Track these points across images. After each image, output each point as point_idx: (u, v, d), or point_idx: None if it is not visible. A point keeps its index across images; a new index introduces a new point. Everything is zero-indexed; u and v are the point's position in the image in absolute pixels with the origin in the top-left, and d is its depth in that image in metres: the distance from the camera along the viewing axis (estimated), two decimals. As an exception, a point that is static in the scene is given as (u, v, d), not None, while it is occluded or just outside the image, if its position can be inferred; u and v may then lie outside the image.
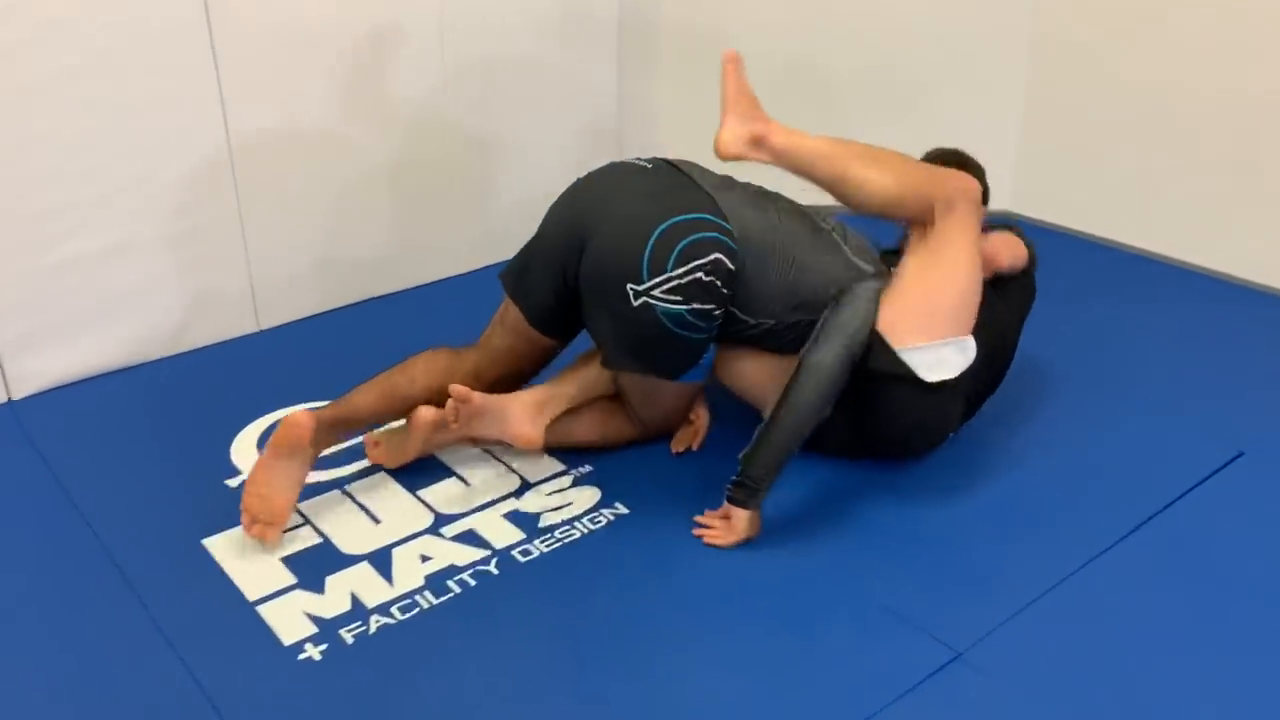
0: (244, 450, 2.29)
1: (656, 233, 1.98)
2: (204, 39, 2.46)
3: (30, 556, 1.99)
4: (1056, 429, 2.36)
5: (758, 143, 2.03)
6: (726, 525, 2.01)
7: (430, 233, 3.04)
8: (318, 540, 2.02)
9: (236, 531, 2.03)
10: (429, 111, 2.90)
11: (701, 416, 2.33)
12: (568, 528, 2.06)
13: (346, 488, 2.18)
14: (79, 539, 2.02)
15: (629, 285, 1.99)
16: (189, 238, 2.61)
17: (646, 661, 1.76)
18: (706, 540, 2.01)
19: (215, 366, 2.65)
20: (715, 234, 2.00)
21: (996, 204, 3.57)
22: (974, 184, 2.14)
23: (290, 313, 2.85)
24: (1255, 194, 3.04)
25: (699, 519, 2.06)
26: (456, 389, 2.07)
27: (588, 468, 2.23)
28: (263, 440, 2.32)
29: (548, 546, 2.01)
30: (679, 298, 1.98)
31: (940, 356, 2.03)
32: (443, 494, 2.15)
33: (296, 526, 2.06)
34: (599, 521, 2.08)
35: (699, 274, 1.98)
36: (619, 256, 2.01)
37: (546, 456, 2.27)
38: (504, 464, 2.25)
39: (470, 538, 2.03)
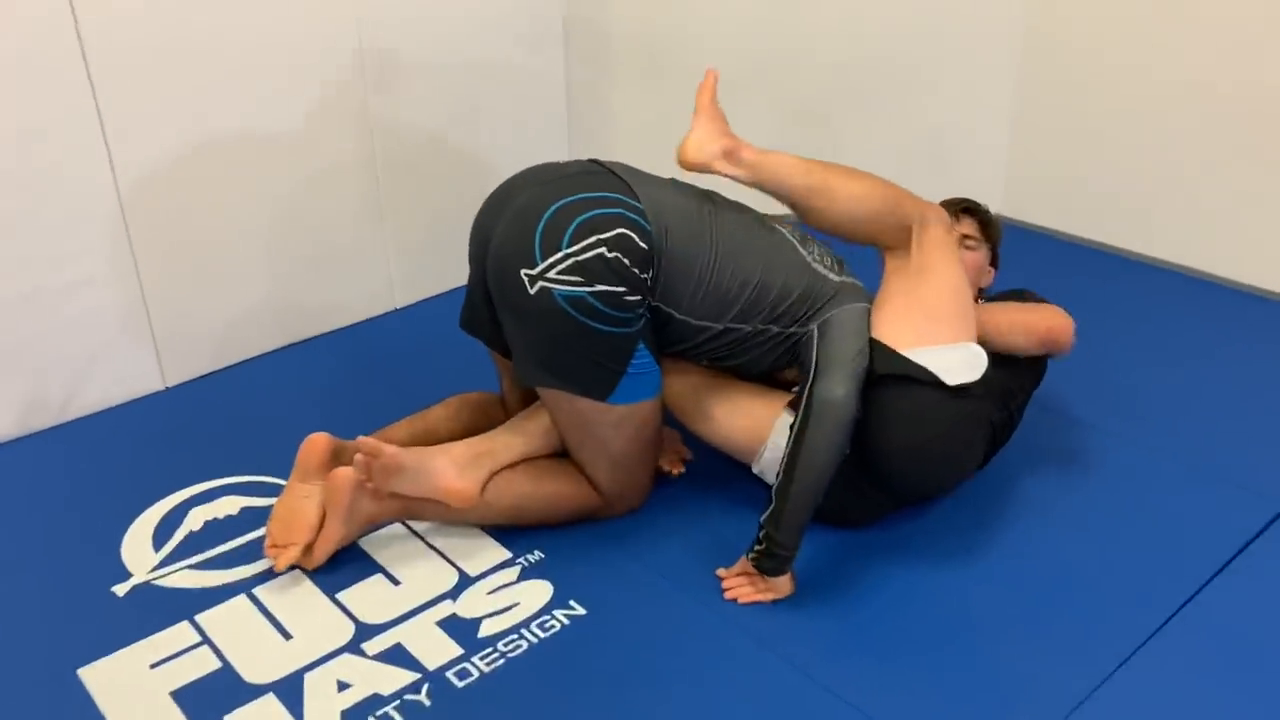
0: (137, 546, 1.97)
1: (549, 212, 1.76)
2: (79, 65, 2.12)
3: None
4: (1068, 486, 2.08)
5: (730, 155, 1.83)
6: (759, 582, 1.81)
7: (358, 267, 2.71)
8: (216, 666, 1.70)
9: (121, 656, 1.71)
10: (348, 132, 2.57)
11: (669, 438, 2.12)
12: (514, 638, 1.75)
13: (253, 591, 1.86)
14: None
15: (523, 272, 1.73)
16: (77, 288, 2.27)
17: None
18: (741, 600, 1.81)
19: (112, 436, 2.32)
20: (619, 210, 1.76)
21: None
22: (944, 211, 1.99)
23: (201, 365, 2.51)
24: (1256, 196, 2.81)
25: (723, 576, 1.84)
26: (365, 441, 1.81)
27: (538, 554, 1.92)
28: (159, 531, 2.00)
29: (489, 664, 1.69)
30: (578, 278, 1.71)
31: (953, 360, 1.83)
32: (366, 597, 1.83)
33: (192, 647, 1.74)
34: (550, 627, 1.77)
35: (601, 249, 1.71)
36: (511, 245, 1.77)
37: (491, 543, 1.96)
38: (439, 554, 1.93)
39: (398, 655, 1.72)
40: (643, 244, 1.75)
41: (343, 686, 1.66)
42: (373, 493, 1.85)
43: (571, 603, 1.81)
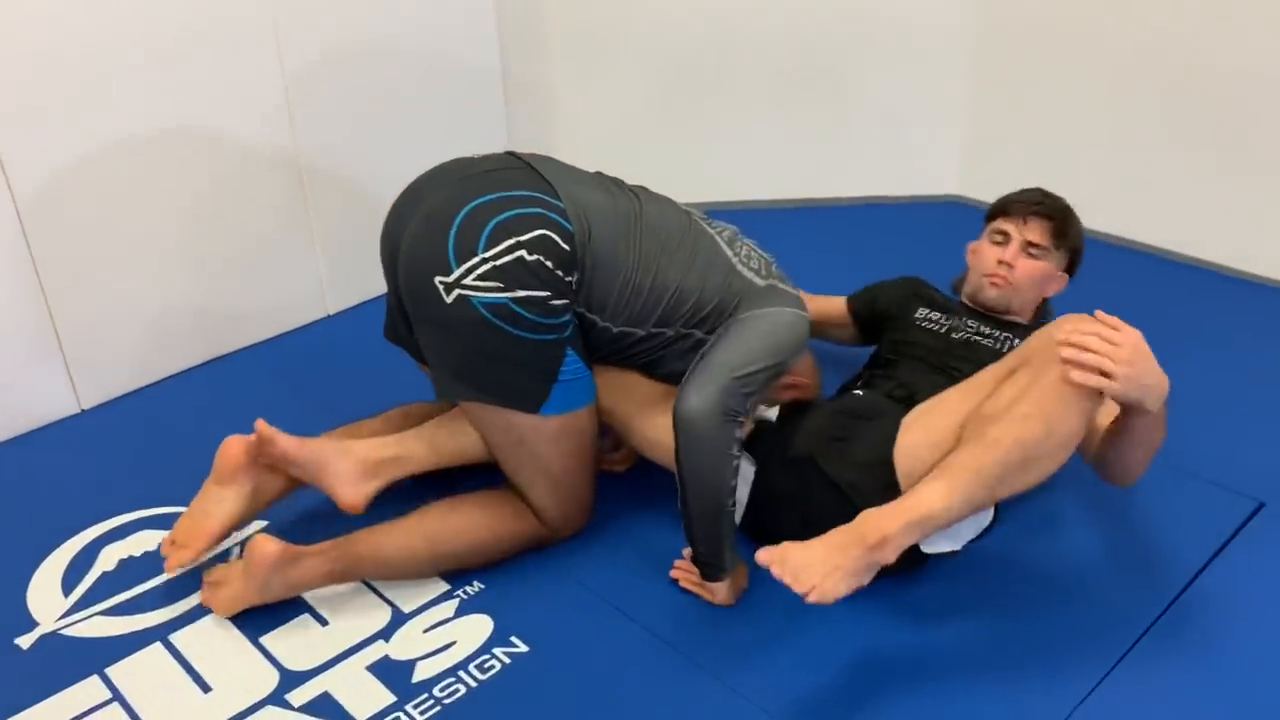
0: (45, 592, 1.82)
1: (463, 213, 1.64)
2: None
3: None
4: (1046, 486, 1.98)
5: (879, 550, 1.48)
6: (705, 587, 1.73)
7: (283, 271, 2.56)
8: (127, 719, 1.57)
9: (24, 717, 1.58)
10: (268, 127, 2.42)
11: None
12: (450, 681, 1.62)
13: (170, 638, 1.72)
14: None
15: (437, 279, 1.60)
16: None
17: None
18: (681, 584, 1.76)
19: (21, 467, 2.16)
20: (538, 209, 1.64)
21: (942, 188, 3.21)
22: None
23: (119, 385, 2.36)
24: (1224, 173, 2.72)
25: (679, 564, 1.78)
26: (261, 426, 1.73)
27: (477, 585, 1.80)
28: (69, 574, 1.86)
29: (424, 714, 1.57)
30: (498, 284, 1.59)
31: (959, 525, 1.61)
32: (292, 640, 1.70)
33: (102, 704, 1.60)
34: (490, 668, 1.64)
35: (520, 252, 1.60)
36: (422, 251, 1.65)
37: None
38: (370, 589, 1.80)
39: (325, 706, 1.59)
40: (565, 245, 1.63)
41: (265, 744, 1.53)
42: (294, 561, 1.70)
43: (513, 638, 1.69)
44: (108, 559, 1.89)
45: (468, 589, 1.79)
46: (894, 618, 1.70)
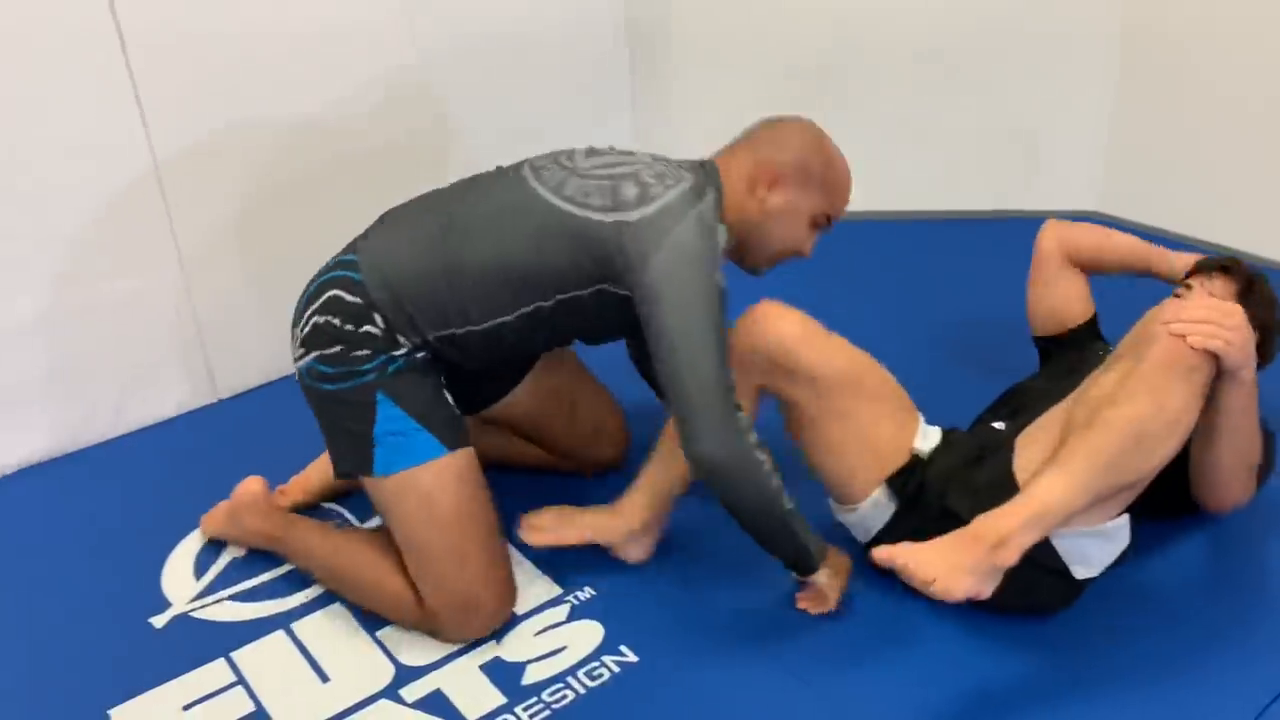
0: (178, 575, 1.90)
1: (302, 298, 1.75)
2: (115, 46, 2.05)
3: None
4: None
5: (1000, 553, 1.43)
6: (818, 596, 1.71)
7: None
8: (249, 709, 1.62)
9: (154, 696, 1.65)
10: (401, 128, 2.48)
11: None
12: (559, 687, 1.63)
13: (292, 627, 1.78)
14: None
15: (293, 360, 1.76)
16: (126, 301, 2.22)
17: None
18: (812, 611, 1.72)
19: (159, 451, 2.26)
20: (331, 273, 1.71)
21: (1080, 203, 3.10)
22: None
23: (255, 377, 2.45)
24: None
25: (799, 596, 1.73)
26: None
27: (589, 591, 1.81)
28: (201, 558, 1.94)
29: (533, 717, 1.58)
30: (304, 349, 1.71)
31: (1102, 546, 1.60)
32: (408, 635, 1.74)
33: (227, 688, 1.66)
34: (599, 676, 1.65)
35: (315, 319, 1.69)
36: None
37: (539, 576, 1.85)
38: (487, 589, 1.83)
39: (437, 703, 1.62)
40: (352, 298, 1.66)
41: (378, 737, 1.57)
42: (254, 510, 1.90)
43: (622, 648, 1.70)
44: (236, 547, 1.96)
45: (579, 594, 1.81)
46: (1014, 647, 1.65)
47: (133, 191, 2.16)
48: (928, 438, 1.74)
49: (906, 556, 1.41)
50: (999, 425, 1.79)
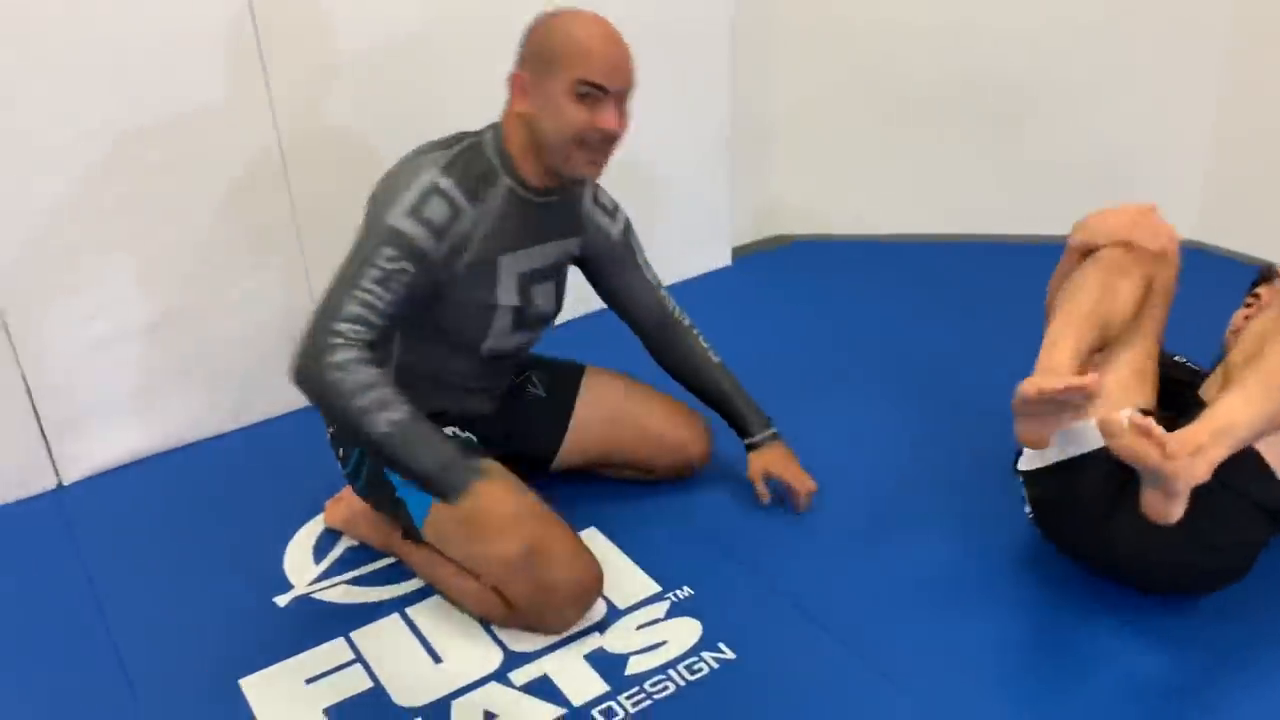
0: (299, 557, 2.01)
1: None
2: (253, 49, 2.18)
3: (44, 685, 1.75)
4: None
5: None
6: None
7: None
8: (368, 685, 1.72)
9: (280, 669, 1.76)
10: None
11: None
12: (660, 679, 1.71)
13: (406, 610, 1.88)
14: (106, 669, 1.77)
15: None
16: (253, 300, 2.35)
17: None
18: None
19: (288, 440, 2.39)
20: None
21: (1180, 232, 3.10)
22: None
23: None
24: None
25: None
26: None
27: (687, 591, 1.88)
28: (321, 543, 2.05)
29: (635, 705, 1.66)
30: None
31: None
32: (516, 625, 1.83)
33: (346, 664, 1.77)
34: (698, 670, 1.72)
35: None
36: None
37: (639, 574, 1.93)
38: (590, 584, 1.91)
39: (544, 688, 1.70)
40: None
41: (489, 717, 1.65)
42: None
43: (720, 645, 1.77)
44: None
45: (678, 592, 1.88)
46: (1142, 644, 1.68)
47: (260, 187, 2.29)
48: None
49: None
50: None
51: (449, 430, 1.86)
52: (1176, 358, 1.97)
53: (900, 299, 2.87)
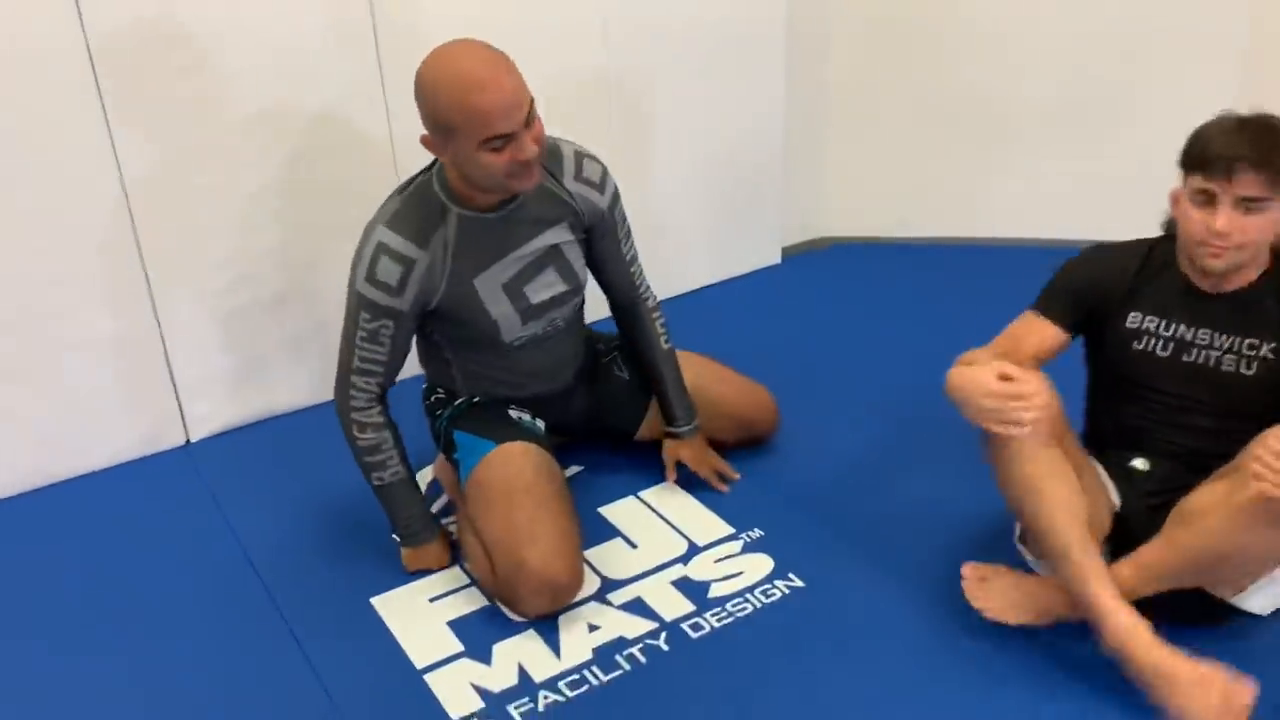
0: (413, 500, 2.27)
1: None
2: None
3: (201, 607, 2.01)
4: None
5: None
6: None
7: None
8: (483, 604, 1.98)
9: (405, 590, 2.02)
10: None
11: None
12: (739, 600, 1.96)
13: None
14: (250, 591, 2.03)
15: None
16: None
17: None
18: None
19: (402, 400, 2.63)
20: None
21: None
22: None
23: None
24: None
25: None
26: None
27: (758, 532, 2.13)
28: (430, 491, 2.30)
29: (719, 620, 1.91)
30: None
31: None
32: (608, 556, 2.09)
33: (461, 588, 2.02)
34: (772, 595, 1.97)
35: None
36: None
37: (714, 518, 2.18)
38: (668, 524, 2.17)
39: (638, 607, 1.96)
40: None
41: (592, 628, 1.91)
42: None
43: (791, 575, 2.02)
44: (457, 483, 2.32)
45: (750, 533, 2.13)
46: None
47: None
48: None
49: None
50: (1139, 464, 1.83)
51: (516, 414, 2.09)
52: None
53: (940, 301, 3.05)
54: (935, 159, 3.30)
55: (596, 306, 2.24)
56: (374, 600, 2.00)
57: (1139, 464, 1.81)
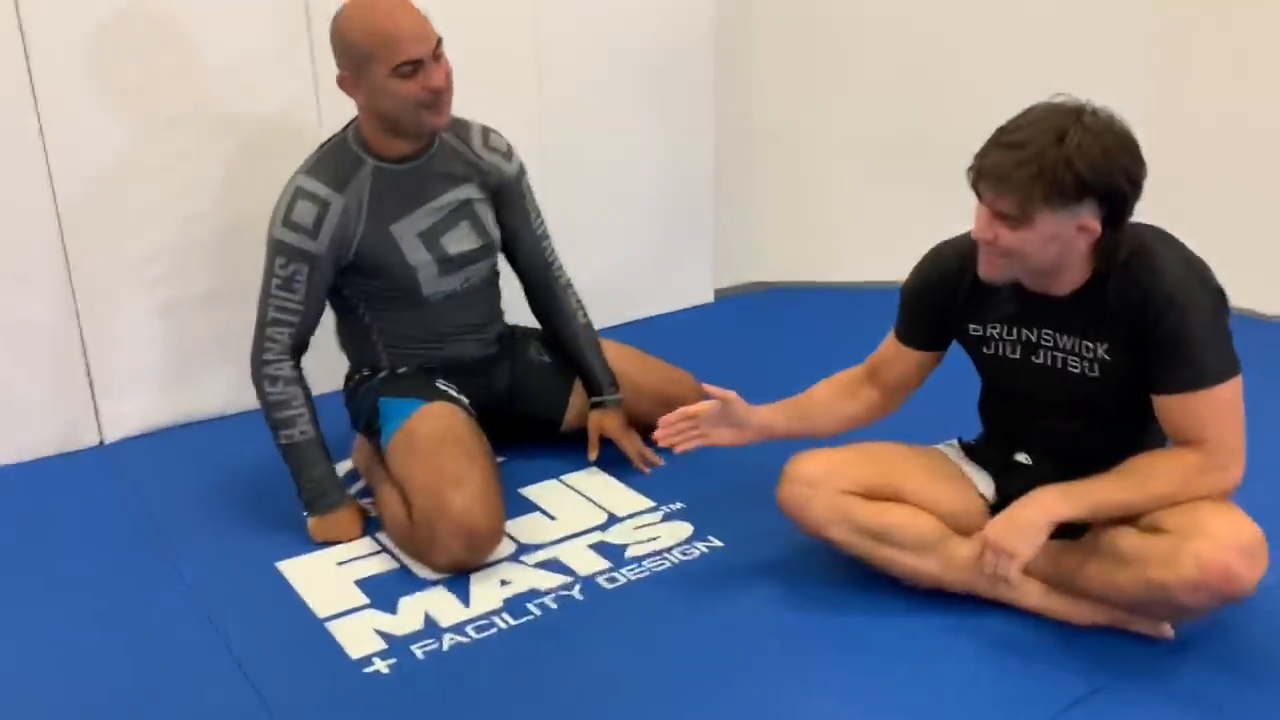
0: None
1: None
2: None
3: (108, 581, 1.93)
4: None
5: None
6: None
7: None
8: (394, 566, 1.92)
9: (313, 556, 1.96)
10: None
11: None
12: (657, 559, 1.92)
13: (424, 520, 2.08)
14: (158, 567, 1.96)
15: None
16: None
17: (745, 688, 1.60)
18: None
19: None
20: None
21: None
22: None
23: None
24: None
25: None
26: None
27: (679, 504, 2.11)
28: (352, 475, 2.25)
29: (636, 575, 1.87)
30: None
31: None
32: (526, 527, 2.04)
33: (374, 553, 1.97)
34: (690, 554, 1.94)
35: None
36: None
37: (634, 494, 2.15)
38: (590, 501, 2.13)
39: (554, 565, 1.91)
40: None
41: (504, 583, 1.86)
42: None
43: (710, 537, 1.99)
44: (376, 471, 2.28)
45: (670, 505, 2.10)
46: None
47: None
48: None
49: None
50: (1022, 458, 1.80)
51: (443, 385, 2.07)
52: None
53: (871, 344, 3.08)
54: (867, 201, 3.38)
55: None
56: (280, 564, 1.94)
57: (1021, 458, 1.79)
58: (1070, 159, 1.45)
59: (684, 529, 2.02)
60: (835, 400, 1.87)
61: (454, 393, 2.09)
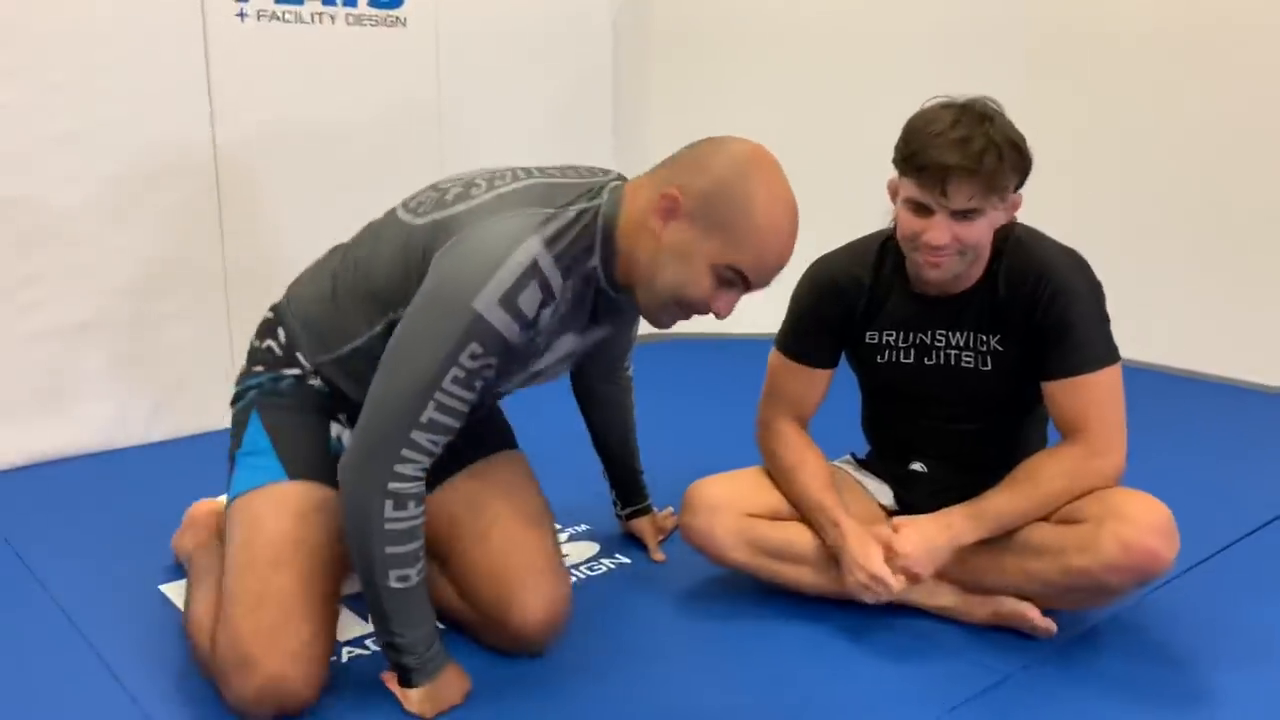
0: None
1: None
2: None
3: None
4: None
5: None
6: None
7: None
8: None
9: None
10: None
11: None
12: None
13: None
14: (34, 596, 1.84)
15: None
16: (168, 319, 2.53)
17: (660, 687, 1.58)
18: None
19: (188, 456, 2.50)
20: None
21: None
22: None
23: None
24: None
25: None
26: None
27: (584, 526, 2.08)
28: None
29: (540, 588, 1.82)
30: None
31: None
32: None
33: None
34: (598, 569, 1.91)
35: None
36: None
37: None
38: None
39: (455, 582, 1.85)
40: (268, 314, 1.68)
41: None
42: None
43: (618, 555, 1.97)
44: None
45: (576, 528, 2.08)
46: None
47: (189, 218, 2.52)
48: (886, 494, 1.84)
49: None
50: (918, 467, 1.82)
51: (337, 431, 1.63)
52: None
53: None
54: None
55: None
56: (163, 587, 1.83)
57: (917, 467, 1.81)
58: (1011, 140, 1.53)
59: (591, 548, 2.00)
60: (818, 452, 1.80)
61: (348, 436, 1.58)
